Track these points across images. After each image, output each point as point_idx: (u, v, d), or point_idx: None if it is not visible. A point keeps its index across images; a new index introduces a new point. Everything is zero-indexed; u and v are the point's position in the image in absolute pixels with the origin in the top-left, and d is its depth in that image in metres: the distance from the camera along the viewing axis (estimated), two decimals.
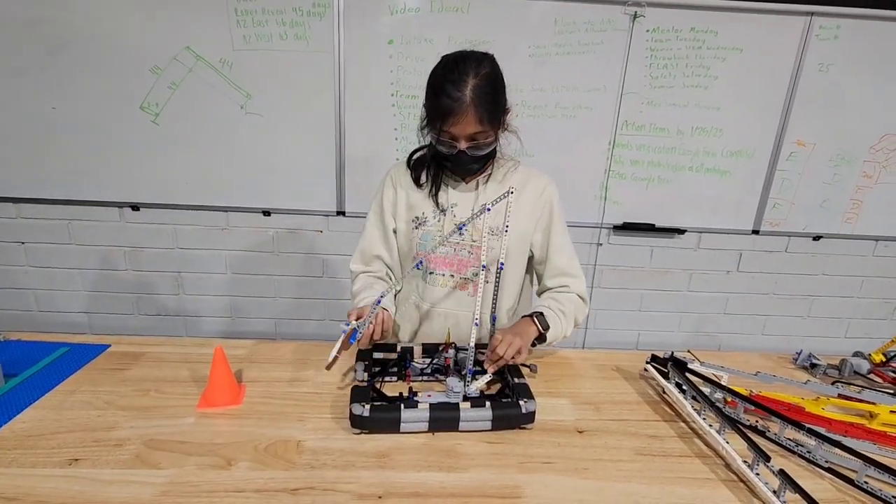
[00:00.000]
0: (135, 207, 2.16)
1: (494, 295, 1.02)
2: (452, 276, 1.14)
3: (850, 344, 2.54)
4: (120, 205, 2.16)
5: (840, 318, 2.51)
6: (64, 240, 2.20)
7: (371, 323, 1.00)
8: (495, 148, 1.07)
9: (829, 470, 0.82)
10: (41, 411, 0.89)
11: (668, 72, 2.09)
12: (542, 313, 1.11)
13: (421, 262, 1.13)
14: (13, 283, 2.25)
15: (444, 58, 1.03)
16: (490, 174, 1.14)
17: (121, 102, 2.01)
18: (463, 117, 0.97)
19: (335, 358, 0.96)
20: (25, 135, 2.03)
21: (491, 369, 1.01)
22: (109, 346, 1.13)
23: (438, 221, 1.13)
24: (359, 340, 0.98)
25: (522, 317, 1.13)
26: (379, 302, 1.01)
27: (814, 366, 1.18)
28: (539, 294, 1.24)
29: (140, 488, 0.73)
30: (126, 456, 0.79)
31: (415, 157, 1.16)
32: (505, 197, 0.97)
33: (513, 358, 1.00)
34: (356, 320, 1.00)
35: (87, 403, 0.92)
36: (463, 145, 1.01)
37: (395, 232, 1.18)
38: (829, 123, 2.17)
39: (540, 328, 1.09)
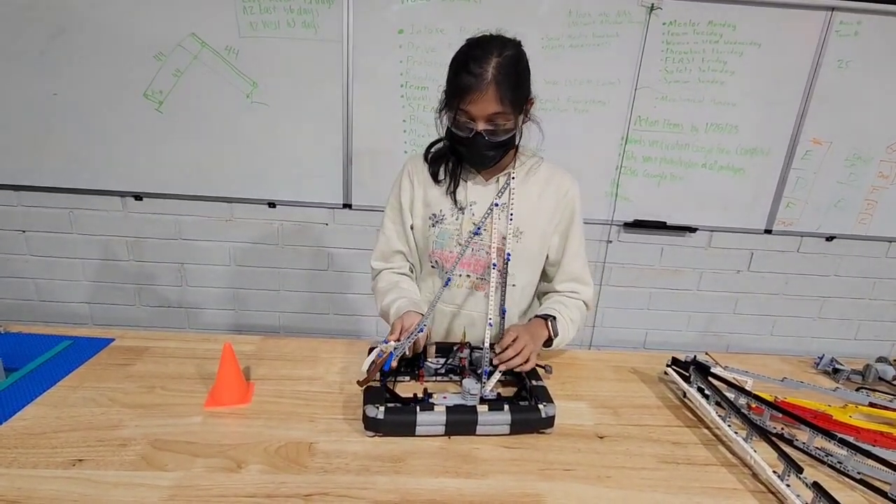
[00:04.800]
0: (137, 197, 2.13)
1: (503, 287, 0.98)
2: (469, 276, 1.11)
3: (860, 346, 2.52)
4: (122, 194, 2.12)
5: (851, 319, 2.48)
6: (65, 229, 2.16)
7: (407, 348, 0.94)
8: (514, 138, 1.02)
9: (860, 482, 0.79)
10: (43, 408, 0.86)
11: (683, 66, 2.04)
12: (555, 318, 1.07)
13: (450, 280, 1.07)
14: (14, 272, 2.22)
15: (469, 39, 0.98)
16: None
17: (124, 90, 1.97)
18: (483, 94, 0.92)
19: (367, 378, 0.90)
20: (26, 122, 1.99)
21: (502, 367, 0.97)
22: (113, 339, 1.09)
23: (456, 220, 1.08)
24: (392, 367, 0.92)
25: (536, 316, 1.09)
26: (422, 329, 0.97)
27: (836, 371, 1.15)
28: (543, 293, 1.20)
29: (146, 491, 0.70)
30: (131, 457, 0.76)
31: (433, 150, 1.12)
32: (507, 185, 0.93)
33: (520, 366, 0.96)
34: (395, 340, 0.95)
35: (90, 400, 0.89)
36: (480, 126, 0.95)
37: (412, 228, 1.15)
38: (846, 122, 2.13)
39: (551, 334, 1.05)
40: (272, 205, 2.17)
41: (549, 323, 1.06)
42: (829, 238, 2.32)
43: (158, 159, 2.06)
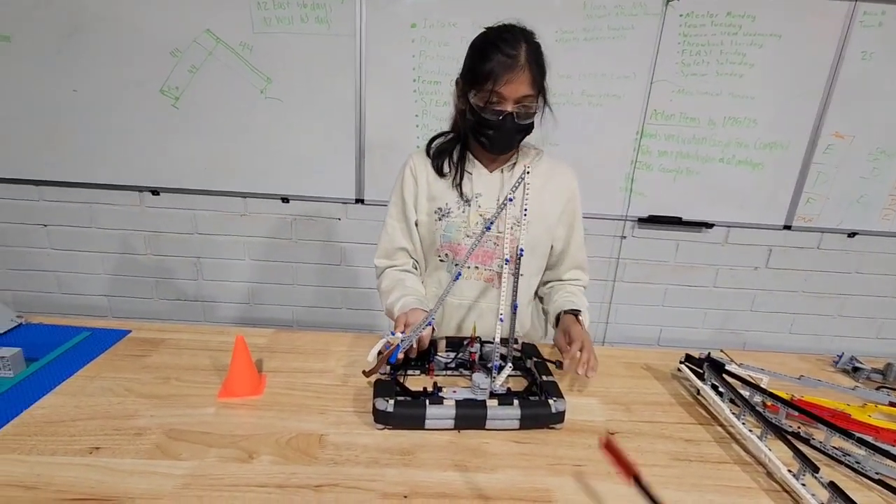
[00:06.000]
0: (155, 192, 2.16)
1: (515, 283, 0.99)
2: (478, 267, 1.11)
3: (882, 345, 2.46)
4: (140, 189, 2.16)
5: (872, 317, 2.42)
6: (85, 223, 2.21)
7: (413, 342, 0.94)
8: (533, 123, 1.03)
9: (878, 482, 0.77)
10: (61, 397, 0.88)
11: (701, 59, 2.01)
12: (580, 311, 1.09)
13: (459, 275, 1.06)
14: (36, 265, 2.27)
15: (488, 27, 1.00)
16: (514, 162, 1.11)
17: (141, 86, 2.00)
18: (518, 75, 0.94)
19: (373, 370, 0.92)
20: (47, 117, 2.03)
21: (591, 374, 0.96)
22: (130, 331, 1.12)
23: (463, 212, 1.09)
24: (398, 359, 0.92)
25: (564, 312, 1.09)
26: (430, 323, 0.97)
27: (856, 369, 1.12)
28: (545, 281, 1.22)
29: (161, 479, 0.71)
30: (147, 445, 0.77)
31: (435, 144, 1.12)
32: (522, 180, 0.94)
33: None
34: (401, 332, 0.96)
35: (107, 390, 0.90)
36: (510, 108, 0.97)
37: (416, 224, 1.15)
38: (870, 115, 2.07)
39: (584, 327, 1.07)
40: (286, 199, 2.18)
41: (579, 318, 1.08)
42: (851, 234, 2.26)
43: (175, 154, 2.09)
